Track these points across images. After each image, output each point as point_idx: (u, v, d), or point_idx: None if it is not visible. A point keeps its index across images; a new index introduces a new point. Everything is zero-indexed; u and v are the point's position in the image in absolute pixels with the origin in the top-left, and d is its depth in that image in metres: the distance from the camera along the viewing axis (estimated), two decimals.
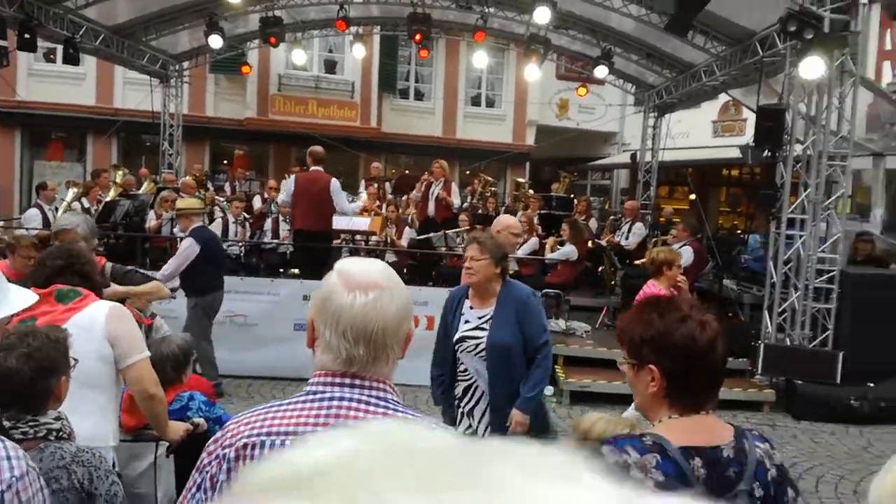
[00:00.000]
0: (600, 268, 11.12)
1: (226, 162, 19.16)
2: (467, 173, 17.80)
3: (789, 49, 8.12)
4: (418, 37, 11.50)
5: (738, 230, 16.97)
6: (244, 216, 10.97)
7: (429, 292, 7.83)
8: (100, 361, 2.88)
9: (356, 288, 1.45)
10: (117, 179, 11.45)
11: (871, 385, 7.74)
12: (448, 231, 9.84)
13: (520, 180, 16.30)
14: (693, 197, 14.23)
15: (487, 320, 3.72)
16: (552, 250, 9.73)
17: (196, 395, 3.78)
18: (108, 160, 16.24)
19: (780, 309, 8.35)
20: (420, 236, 10.27)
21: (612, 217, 13.33)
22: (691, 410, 1.75)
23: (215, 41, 11.26)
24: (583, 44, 12.46)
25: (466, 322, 3.77)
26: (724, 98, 14.51)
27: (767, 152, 8.45)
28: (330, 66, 18.28)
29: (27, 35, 9.07)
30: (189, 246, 6.56)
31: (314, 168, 8.53)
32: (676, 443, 1.67)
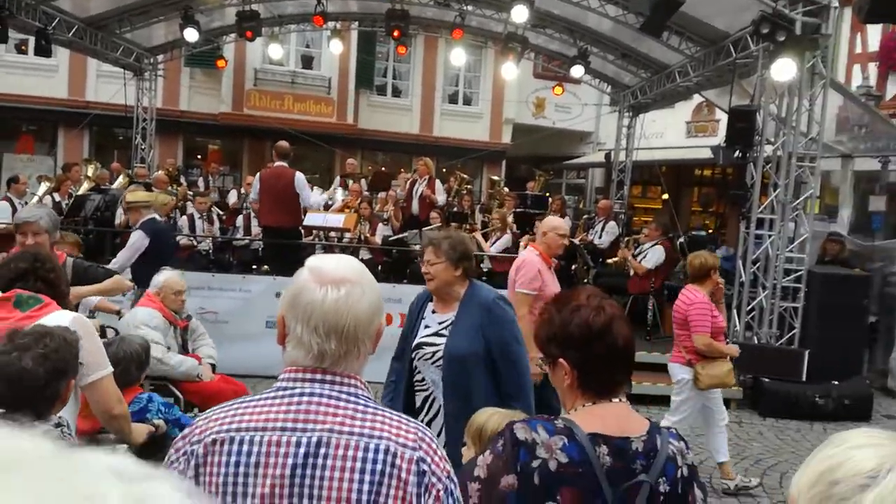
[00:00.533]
0: (573, 266, 11.20)
1: (199, 157, 18.96)
2: (444, 171, 17.78)
3: (762, 51, 8.23)
4: (396, 33, 11.49)
5: (709, 230, 17.18)
6: (217, 212, 10.89)
7: (403, 289, 7.84)
8: None
9: (328, 283, 1.46)
10: (89, 173, 11.31)
11: (836, 383, 7.91)
12: (424, 229, 9.86)
13: (495, 178, 16.34)
14: (666, 196, 14.36)
15: (447, 326, 3.38)
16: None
17: (154, 397, 3.78)
18: (80, 154, 16.01)
19: (749, 308, 8.49)
20: (398, 235, 10.29)
21: (586, 216, 13.41)
22: (603, 398, 1.79)
23: (191, 34, 11.13)
24: (560, 43, 12.52)
25: (426, 327, 3.44)
26: (698, 99, 14.66)
27: (738, 153, 8.56)
28: (307, 62, 18.17)
29: None
30: (138, 238, 6.56)
31: (279, 163, 8.49)
32: (586, 429, 1.71)
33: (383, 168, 17.11)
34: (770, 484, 5.85)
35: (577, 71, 11.90)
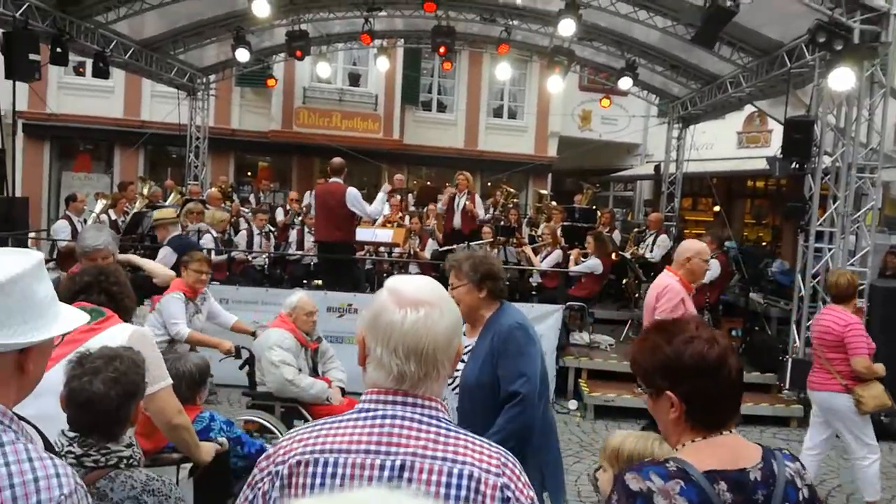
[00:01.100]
0: (624, 280, 11.07)
1: (250, 174, 19.36)
2: (489, 185, 17.80)
3: (818, 60, 8.06)
4: (442, 49, 11.54)
5: (764, 243, 16.81)
6: (269, 228, 11.05)
7: None
8: None
9: (407, 305, 1.46)
10: (144, 191, 11.63)
11: None
12: (472, 243, 9.85)
13: (542, 192, 16.27)
14: (718, 209, 14.11)
15: (468, 352, 3.19)
16: (576, 263, 9.70)
17: (216, 415, 3.78)
18: (135, 172, 16.47)
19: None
20: (444, 248, 10.29)
21: (637, 229, 13.23)
22: (714, 431, 1.73)
23: (242, 55, 11.39)
24: (607, 55, 12.44)
25: None
26: (749, 109, 14.41)
27: (795, 164, 8.39)
28: (354, 79, 18.43)
29: (59, 49, 9.23)
30: (167, 254, 6.69)
31: (333, 180, 8.62)
32: (700, 467, 1.64)
33: (429, 182, 17.18)
34: None
35: (626, 83, 11.79)
